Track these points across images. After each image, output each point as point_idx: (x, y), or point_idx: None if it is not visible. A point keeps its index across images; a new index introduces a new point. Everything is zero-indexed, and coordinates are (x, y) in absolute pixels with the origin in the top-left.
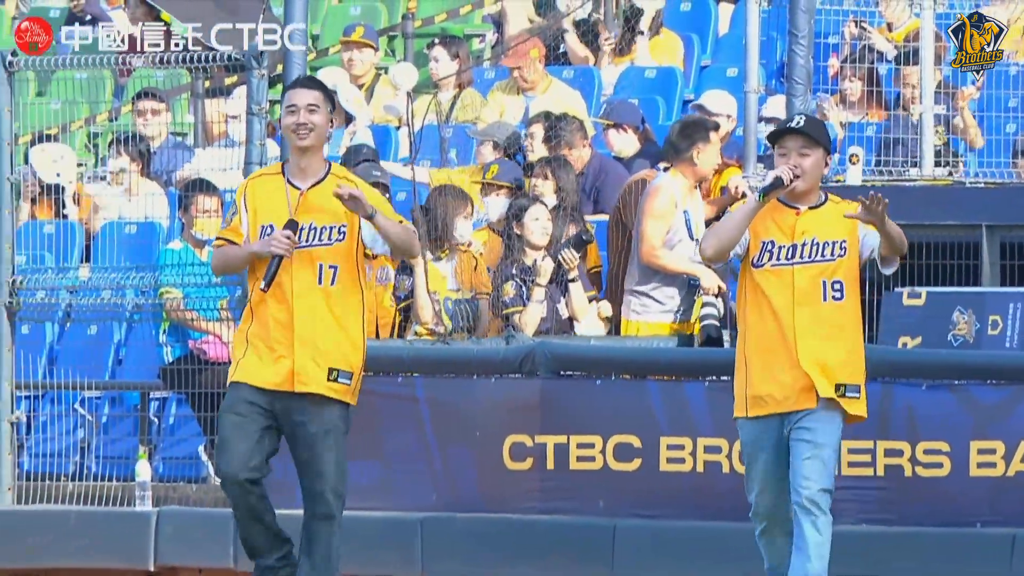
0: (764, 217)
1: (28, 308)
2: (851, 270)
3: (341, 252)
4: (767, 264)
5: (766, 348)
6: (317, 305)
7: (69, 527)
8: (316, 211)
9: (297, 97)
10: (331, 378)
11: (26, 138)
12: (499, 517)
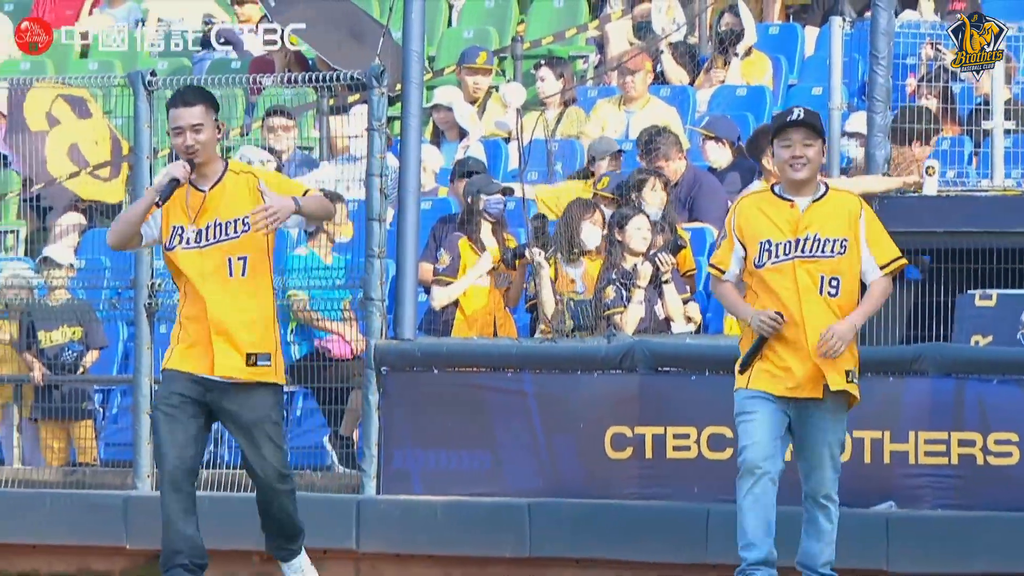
0: (757, 216)
1: (165, 309)
2: (851, 268)
3: (247, 242)
4: (768, 263)
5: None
6: (229, 297)
7: (203, 511)
8: (219, 208)
9: (181, 119)
10: (250, 363)
11: (164, 152)
12: (601, 502)
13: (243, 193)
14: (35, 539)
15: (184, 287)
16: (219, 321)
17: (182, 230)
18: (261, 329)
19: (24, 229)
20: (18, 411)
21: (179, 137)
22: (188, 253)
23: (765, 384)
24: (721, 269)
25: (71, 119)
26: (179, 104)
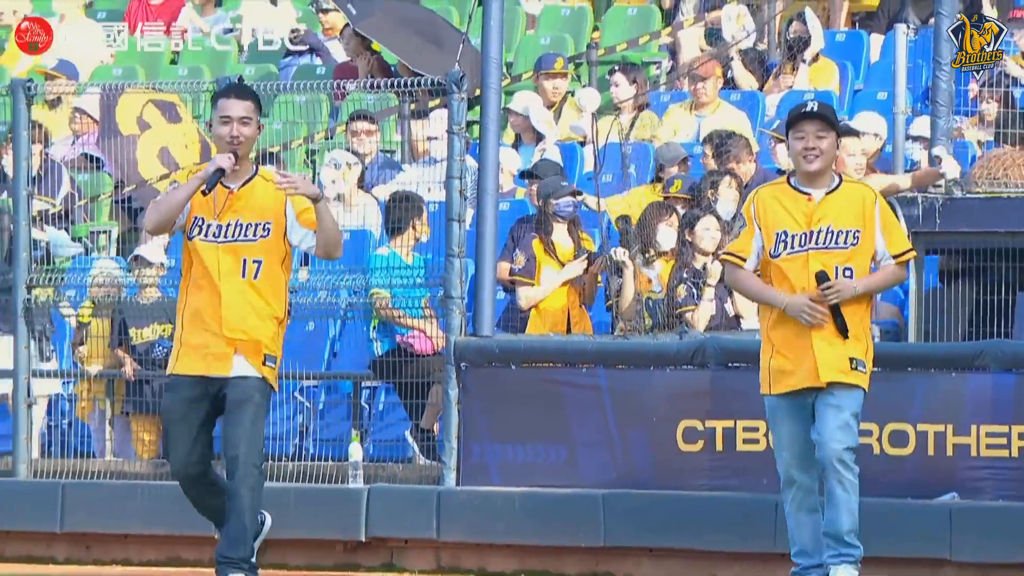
0: (775, 207)
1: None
2: (863, 258)
3: (265, 248)
4: (783, 253)
5: (785, 329)
6: (243, 296)
7: (289, 502)
8: (243, 209)
9: (231, 108)
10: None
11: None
12: (672, 493)
13: (269, 200)
14: (127, 529)
15: (193, 281)
16: (233, 320)
17: (203, 222)
18: (272, 332)
19: (116, 229)
20: (110, 406)
21: (226, 126)
22: (206, 245)
23: (783, 386)
24: (742, 257)
25: (161, 123)
26: (231, 96)
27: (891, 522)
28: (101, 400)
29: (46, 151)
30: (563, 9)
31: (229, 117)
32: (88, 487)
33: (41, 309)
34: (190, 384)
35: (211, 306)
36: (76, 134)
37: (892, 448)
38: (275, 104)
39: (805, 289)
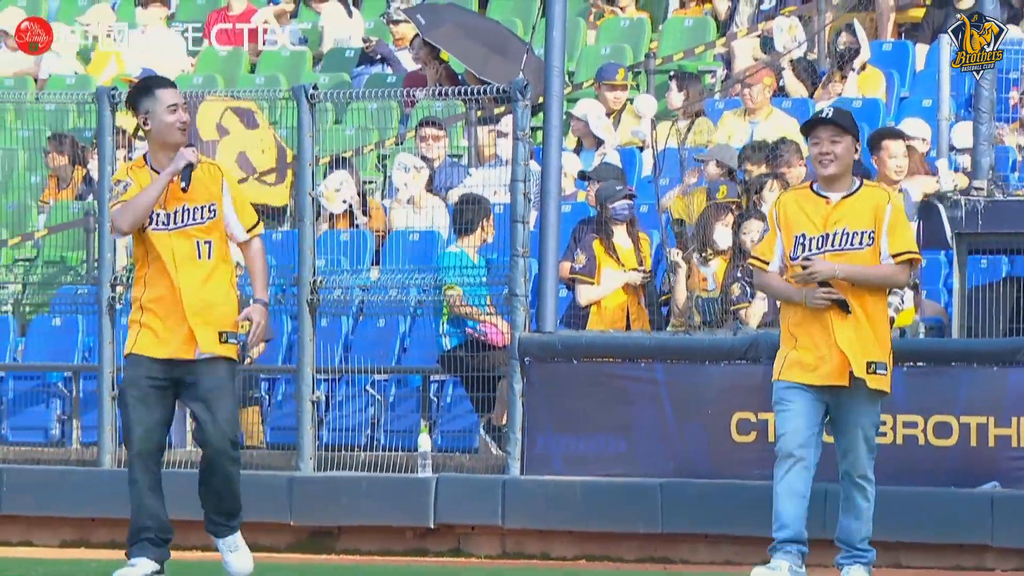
0: (796, 211)
1: (327, 304)
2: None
3: (214, 227)
4: (802, 256)
5: (808, 326)
6: (199, 277)
7: (361, 491)
8: (188, 195)
9: (175, 96)
10: (222, 340)
11: (326, 159)
12: (727, 482)
13: (210, 182)
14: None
15: (149, 270)
16: (194, 302)
17: (154, 212)
18: (229, 308)
19: None
20: None
21: (174, 114)
22: (159, 235)
23: (798, 375)
24: (765, 261)
25: (240, 129)
26: (165, 85)
27: (935, 510)
28: None
29: (129, 156)
30: (622, 20)
31: (175, 105)
32: (169, 476)
33: None
34: (151, 365)
35: (172, 292)
36: None
37: (936, 439)
38: (348, 111)
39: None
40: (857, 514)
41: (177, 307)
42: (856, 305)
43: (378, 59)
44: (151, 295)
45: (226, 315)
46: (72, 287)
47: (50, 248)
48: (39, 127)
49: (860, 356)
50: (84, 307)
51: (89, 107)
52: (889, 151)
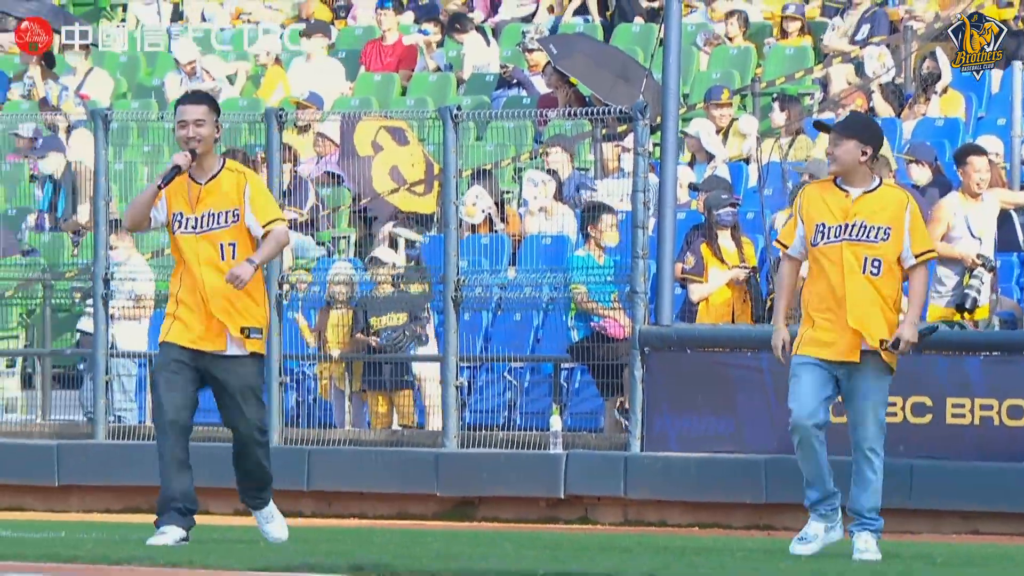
0: (818, 202)
1: (469, 300)
2: (892, 252)
3: (237, 231)
4: (821, 243)
5: (824, 308)
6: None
7: (499, 465)
8: (213, 201)
9: (187, 113)
10: (244, 334)
11: (468, 172)
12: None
13: (232, 190)
14: (362, 488)
15: (181, 269)
16: (218, 300)
17: (182, 216)
18: (252, 306)
19: (354, 235)
20: (349, 383)
21: (183, 129)
22: (186, 237)
23: (813, 351)
24: (785, 244)
25: (392, 146)
26: (187, 102)
27: (1009, 482)
28: (340, 379)
29: (295, 169)
30: (731, 49)
31: (185, 121)
32: (330, 453)
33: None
34: (180, 351)
35: (197, 290)
36: (320, 155)
37: (1010, 420)
38: (488, 129)
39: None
40: (865, 485)
41: (203, 303)
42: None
43: (514, 83)
44: (184, 291)
45: (250, 312)
46: None
47: None
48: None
49: (874, 333)
50: None
51: (259, 126)
52: (973, 165)
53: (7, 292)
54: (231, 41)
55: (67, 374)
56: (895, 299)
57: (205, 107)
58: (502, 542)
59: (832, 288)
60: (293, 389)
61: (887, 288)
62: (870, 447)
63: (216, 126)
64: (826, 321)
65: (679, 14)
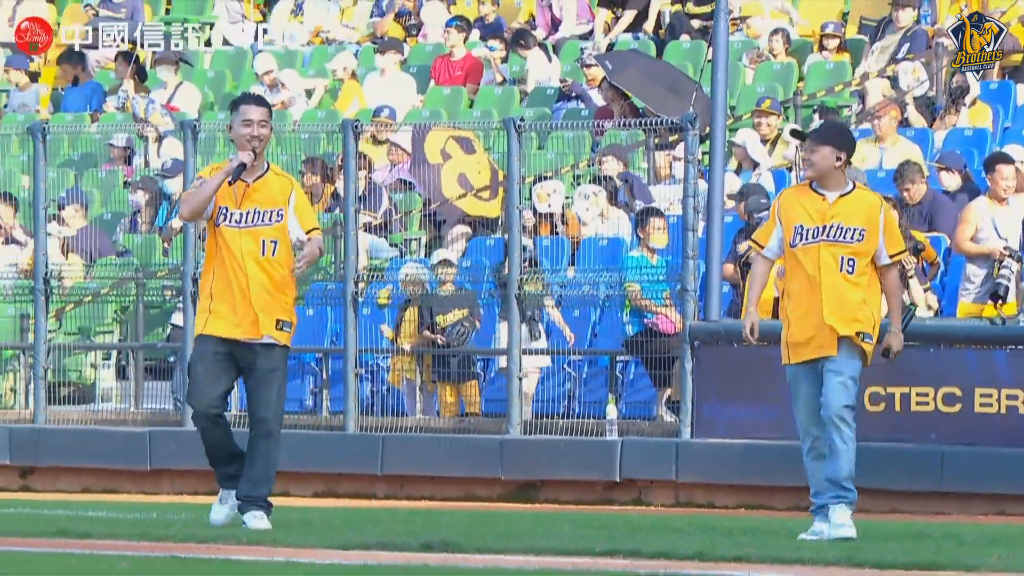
0: (795, 206)
1: (532, 297)
2: (866, 252)
3: (279, 230)
4: (799, 244)
5: (802, 308)
6: (263, 271)
7: (559, 451)
8: (260, 199)
9: (252, 112)
10: (278, 327)
11: (530, 179)
12: (861, 444)
13: (278, 192)
14: (432, 472)
15: (219, 262)
16: (258, 292)
17: (227, 211)
18: (287, 301)
19: (424, 237)
20: (419, 375)
21: (247, 128)
22: (231, 231)
23: (798, 355)
24: (761, 244)
25: (460, 154)
26: (251, 102)
27: None
28: (410, 371)
29: (370, 176)
30: (774, 64)
31: (251, 120)
32: (402, 439)
33: (532, 300)
34: (218, 342)
35: (238, 281)
36: (393, 163)
37: None
38: (549, 138)
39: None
40: (837, 454)
41: (244, 296)
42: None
43: (573, 96)
44: (218, 284)
45: (285, 305)
46: (322, 283)
47: None
48: (296, 152)
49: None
50: (332, 300)
51: (336, 136)
52: (1001, 172)
53: (103, 290)
54: (311, 57)
55: (158, 366)
56: (867, 296)
57: (265, 109)
58: (561, 522)
59: (809, 286)
60: (368, 380)
61: (861, 285)
62: (838, 415)
63: (271, 129)
64: (802, 319)
65: (726, 32)
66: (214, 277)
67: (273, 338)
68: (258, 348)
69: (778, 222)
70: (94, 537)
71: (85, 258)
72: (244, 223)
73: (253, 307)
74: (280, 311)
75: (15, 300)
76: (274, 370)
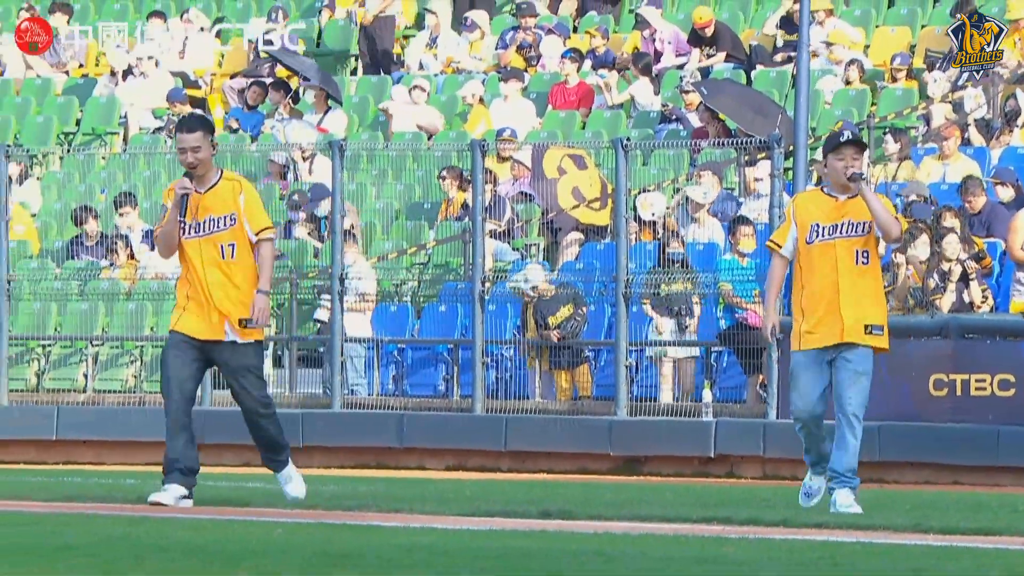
0: (811, 207)
1: (637, 295)
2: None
3: (234, 233)
4: (816, 241)
5: (817, 299)
6: (223, 274)
7: (661, 430)
8: (212, 207)
9: (184, 141)
10: (242, 325)
11: (635, 191)
12: (926, 424)
13: (230, 196)
14: (549, 448)
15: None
16: (220, 295)
17: (185, 224)
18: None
19: (542, 242)
20: (538, 363)
21: (183, 155)
22: (191, 241)
23: (809, 343)
24: (779, 244)
25: (574, 170)
26: (183, 131)
27: None
28: (531, 360)
29: (495, 189)
30: (850, 90)
31: (184, 148)
32: (523, 419)
33: (679, 297)
34: (187, 339)
35: (203, 286)
36: (515, 177)
37: None
38: (652, 156)
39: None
40: (845, 448)
41: (208, 300)
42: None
43: (673, 119)
44: (192, 291)
45: (247, 306)
46: (453, 283)
47: (438, 255)
48: (430, 168)
49: (859, 321)
50: (462, 298)
51: (465, 154)
52: None
53: None
54: (444, 85)
55: (309, 355)
56: (879, 288)
57: (199, 133)
58: (663, 493)
59: (826, 280)
60: (493, 368)
61: (874, 276)
62: (854, 412)
63: (211, 144)
64: (813, 312)
65: (807, 62)
66: (189, 285)
67: (238, 336)
68: (228, 347)
69: (793, 223)
70: (253, 505)
71: None
72: (202, 232)
73: (217, 309)
74: (244, 309)
75: None
76: (245, 367)
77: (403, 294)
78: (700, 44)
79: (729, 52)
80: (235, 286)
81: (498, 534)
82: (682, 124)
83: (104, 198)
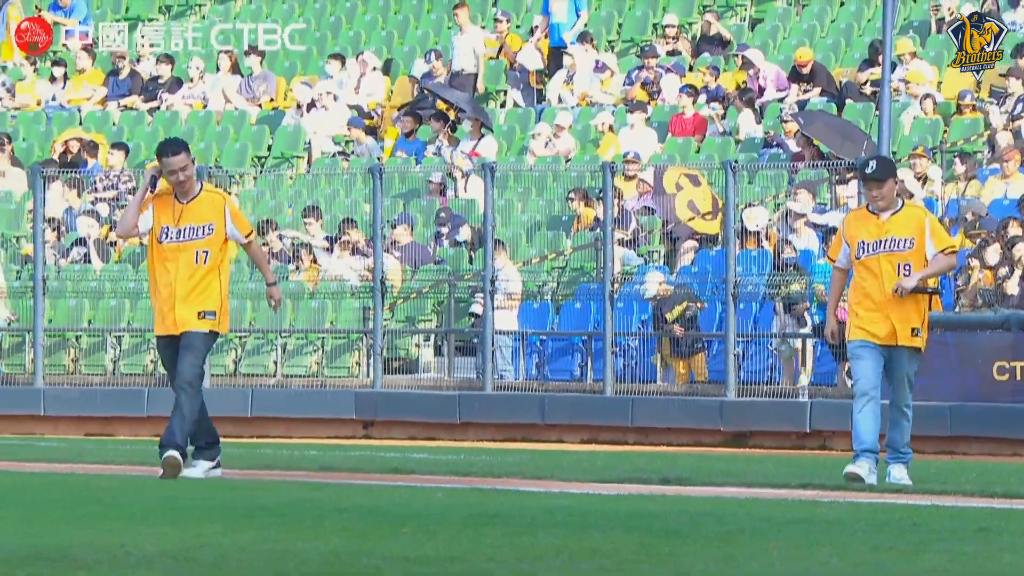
0: (858, 225)
1: (744, 295)
2: (918, 257)
3: (210, 241)
4: (863, 256)
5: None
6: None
7: (764, 409)
8: (192, 217)
9: (171, 164)
10: (200, 316)
11: (742, 206)
12: (991, 405)
13: (210, 208)
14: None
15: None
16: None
17: (168, 229)
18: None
19: (663, 249)
20: (659, 352)
21: (174, 175)
22: (171, 246)
23: (864, 335)
24: (831, 257)
25: (689, 186)
26: (169, 155)
27: None
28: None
29: (622, 204)
30: (925, 120)
31: (174, 170)
32: (647, 400)
33: (796, 296)
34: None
35: (169, 287)
36: (640, 193)
37: None
38: (756, 175)
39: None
40: (901, 431)
41: (171, 300)
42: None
43: (775, 144)
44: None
45: (209, 299)
46: (587, 284)
47: (574, 260)
48: (567, 186)
49: (906, 325)
50: (595, 296)
51: (597, 174)
52: None
53: (424, 289)
54: (578, 116)
55: (466, 345)
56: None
57: (183, 154)
58: (765, 463)
59: (874, 290)
60: (621, 356)
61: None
62: (905, 404)
63: (192, 161)
64: (869, 313)
65: (889, 96)
66: (156, 286)
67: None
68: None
69: (844, 242)
70: (418, 473)
71: (411, 265)
72: (182, 238)
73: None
74: (203, 303)
75: (359, 296)
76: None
77: (544, 293)
78: (799, 80)
79: (823, 87)
80: (197, 284)
81: (625, 498)
82: (782, 149)
83: (291, 212)
